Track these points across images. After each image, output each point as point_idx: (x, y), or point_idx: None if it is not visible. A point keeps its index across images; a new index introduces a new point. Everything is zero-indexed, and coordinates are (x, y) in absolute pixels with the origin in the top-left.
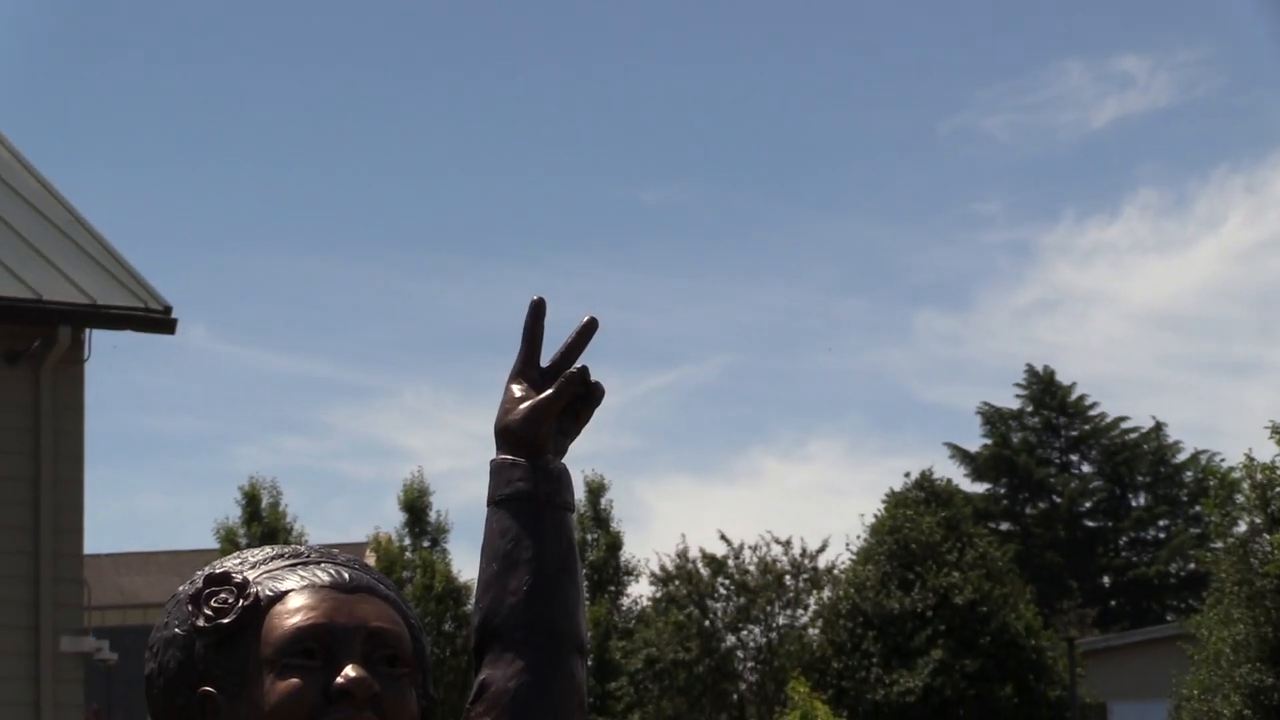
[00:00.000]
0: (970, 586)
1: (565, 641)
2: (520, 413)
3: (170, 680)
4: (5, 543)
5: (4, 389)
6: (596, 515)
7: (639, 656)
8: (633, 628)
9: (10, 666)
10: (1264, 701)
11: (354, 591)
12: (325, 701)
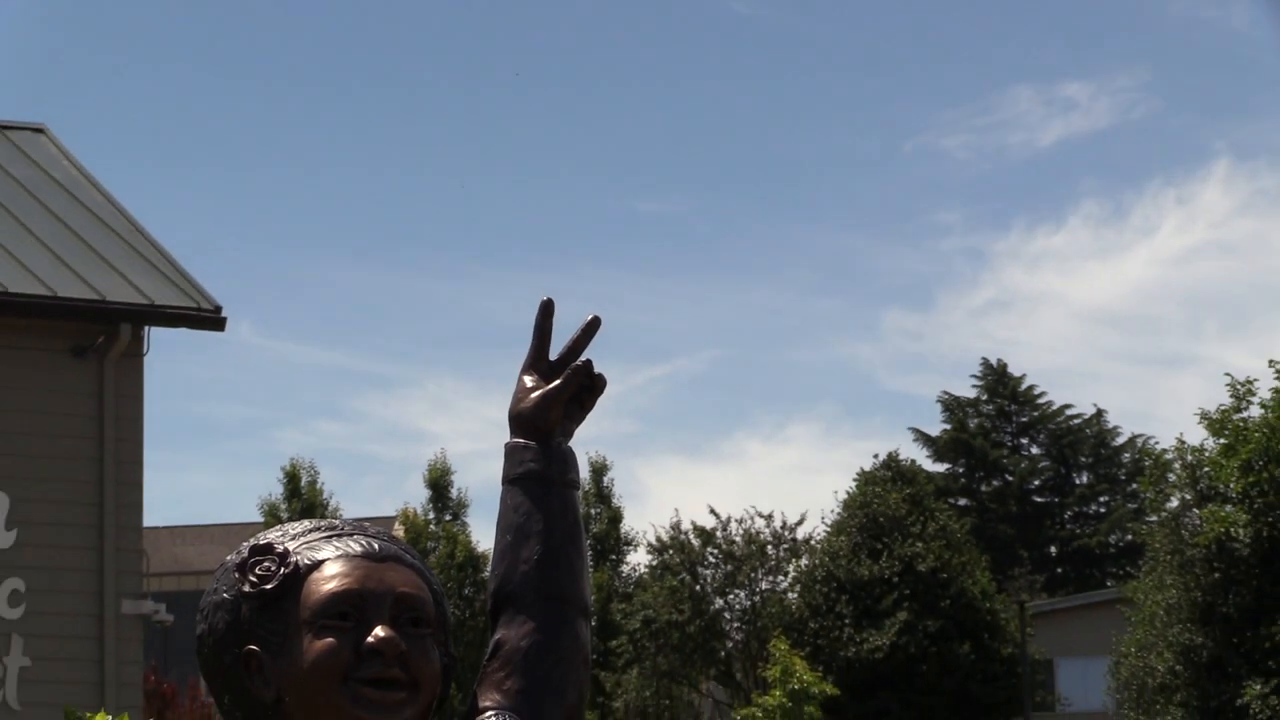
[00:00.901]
0: (932, 555)
1: (571, 605)
2: (531, 401)
3: (219, 640)
4: (73, 516)
5: (71, 380)
6: (599, 492)
7: (637, 618)
8: (631, 592)
9: (78, 627)
10: (1194, 659)
11: (383, 560)
12: (357, 658)
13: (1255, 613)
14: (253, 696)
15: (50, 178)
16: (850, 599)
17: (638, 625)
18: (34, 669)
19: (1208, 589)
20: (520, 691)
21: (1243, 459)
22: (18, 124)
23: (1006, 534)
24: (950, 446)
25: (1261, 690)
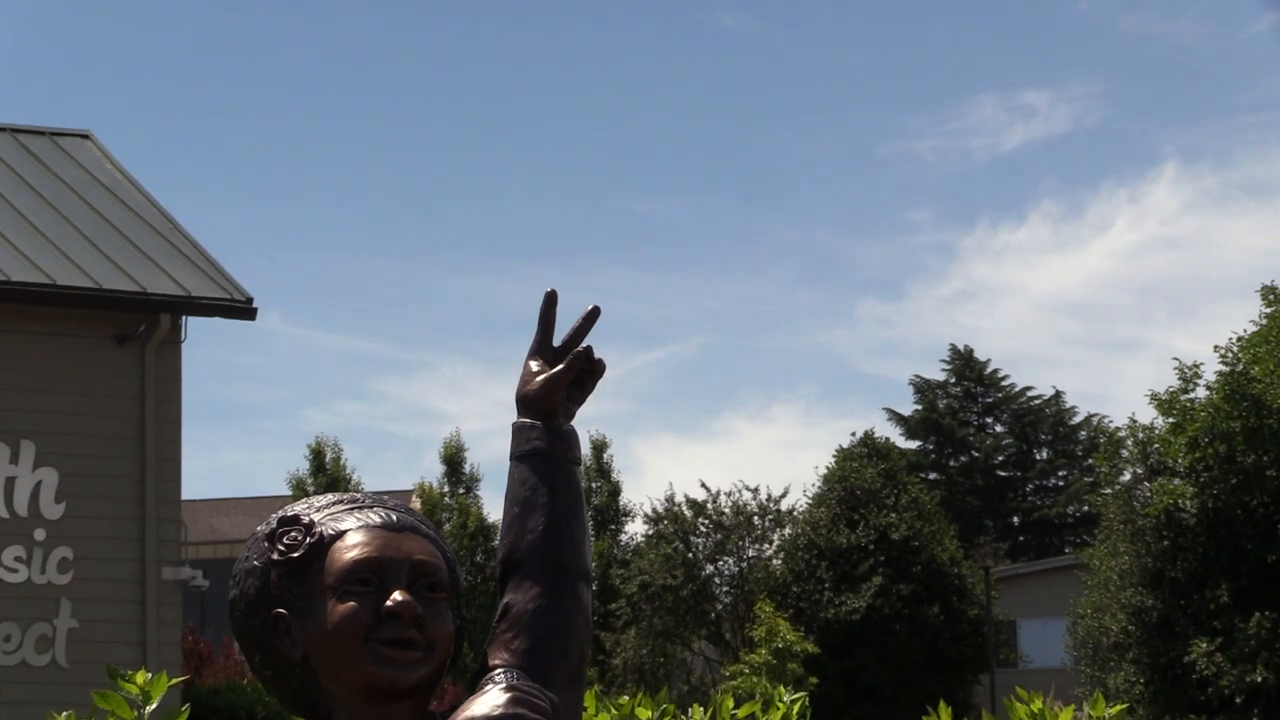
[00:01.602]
0: (904, 525)
1: (573, 571)
2: (537, 384)
3: (250, 604)
4: (116, 490)
5: (115, 365)
6: (599, 467)
7: (634, 582)
8: (629, 559)
9: (121, 591)
10: (1145, 620)
11: (400, 531)
12: (377, 620)
13: (1201, 577)
14: (281, 655)
15: (95, 180)
16: (830, 565)
17: (635, 589)
18: (81, 630)
19: (1157, 555)
20: (527, 651)
21: (1189, 436)
22: (66, 130)
23: (973, 505)
24: (921, 425)
25: (1207, 648)
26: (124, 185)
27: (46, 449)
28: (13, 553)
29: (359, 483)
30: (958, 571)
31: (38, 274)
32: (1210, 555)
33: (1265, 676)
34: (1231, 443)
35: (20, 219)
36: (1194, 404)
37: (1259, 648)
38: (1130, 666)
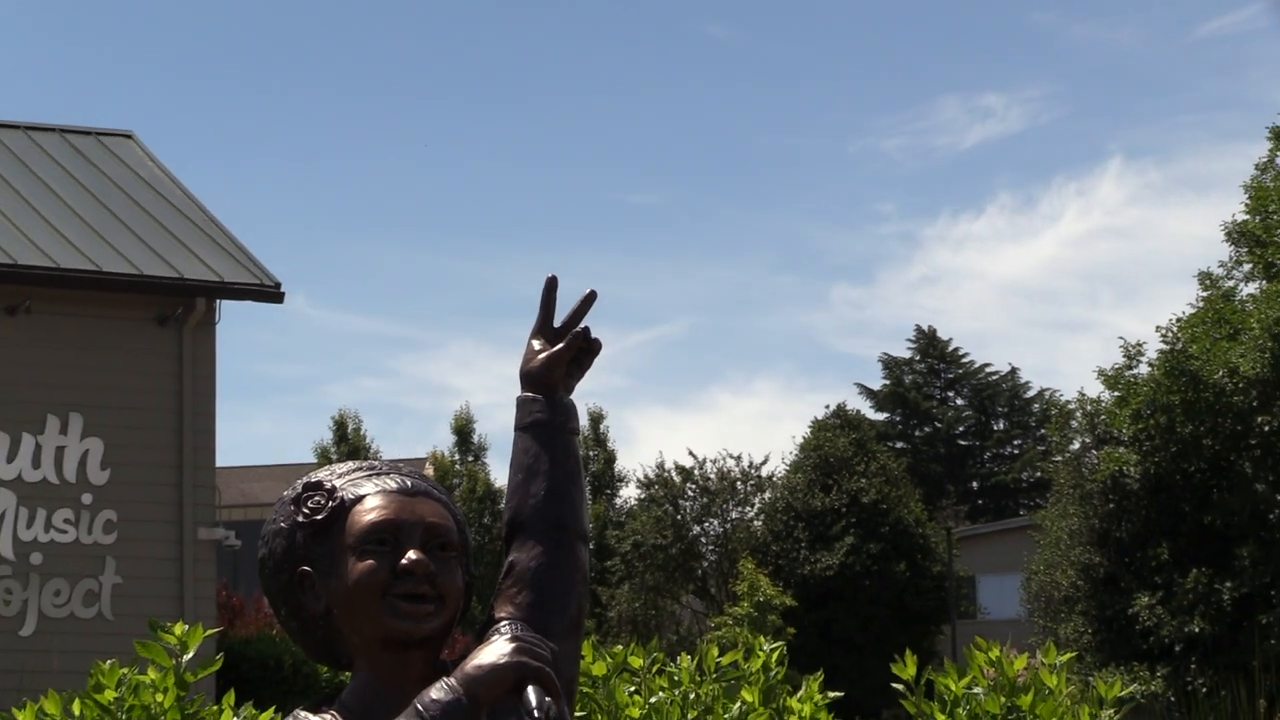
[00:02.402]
0: (874, 490)
1: (572, 532)
2: (539, 361)
3: (278, 562)
4: (157, 458)
5: (155, 345)
6: (596, 437)
7: (628, 542)
8: (623, 521)
9: (161, 550)
10: (1092, 575)
11: (414, 495)
12: (393, 577)
13: (1143, 537)
14: (306, 609)
15: (137, 176)
16: (806, 526)
17: (628, 548)
18: (124, 586)
19: (1104, 517)
20: (530, 604)
21: (1133, 409)
22: (111, 131)
23: (936, 472)
24: (889, 399)
25: (1148, 601)
26: (163, 181)
27: (93, 421)
28: (62, 515)
29: (377, 451)
30: (922, 532)
31: (85, 261)
32: (1152, 517)
33: (1202, 627)
34: (1171, 415)
35: (69, 211)
36: (1137, 379)
37: (1196, 601)
38: (1079, 618)
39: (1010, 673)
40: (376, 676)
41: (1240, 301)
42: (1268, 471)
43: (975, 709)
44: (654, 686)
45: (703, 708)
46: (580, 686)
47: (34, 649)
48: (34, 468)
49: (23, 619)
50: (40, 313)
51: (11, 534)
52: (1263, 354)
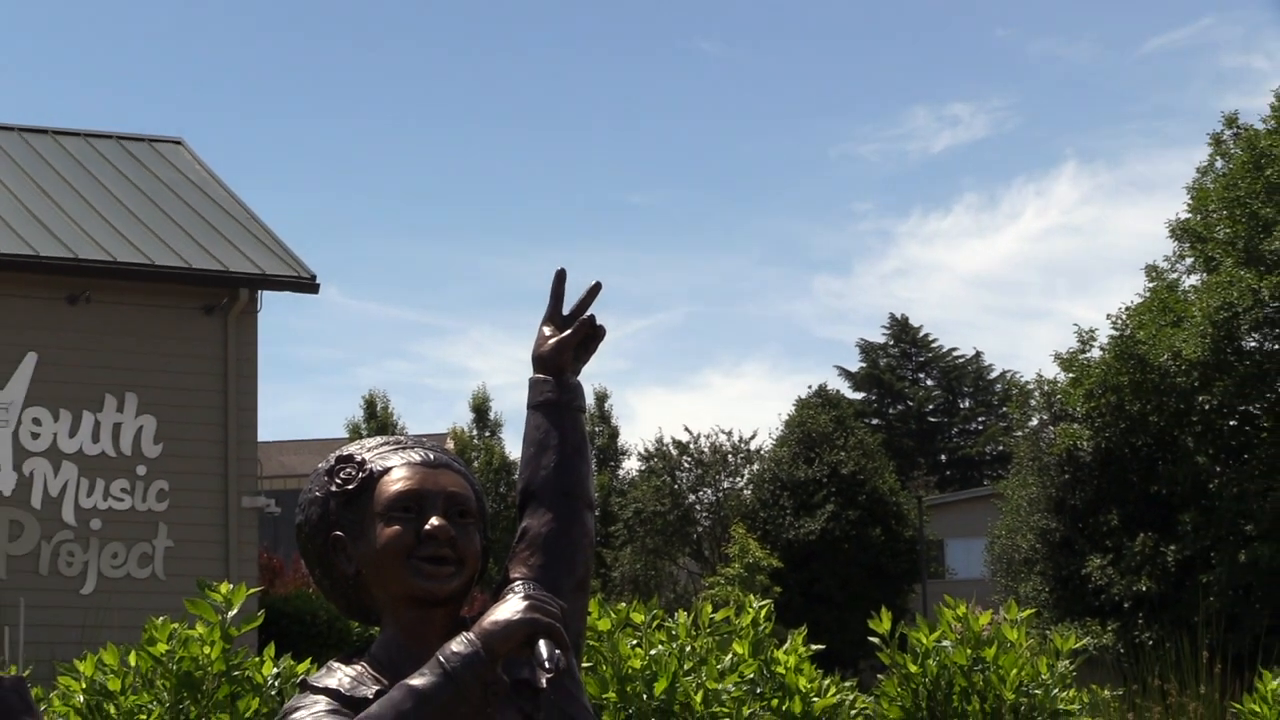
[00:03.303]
0: (852, 462)
1: (579, 500)
2: (549, 346)
3: (313, 528)
4: (204, 434)
5: (203, 331)
6: (601, 414)
7: (629, 509)
8: (625, 490)
9: (208, 517)
10: (1049, 539)
11: (437, 467)
12: (418, 541)
13: (1095, 504)
14: (338, 570)
15: (186, 178)
16: (790, 495)
17: (630, 515)
18: (175, 549)
19: (1059, 487)
20: (541, 566)
21: (1086, 389)
22: (162, 137)
23: (908, 445)
24: (865, 380)
25: (1100, 563)
26: (209, 182)
27: (146, 400)
28: (119, 485)
29: (403, 427)
30: (896, 500)
31: (139, 256)
32: (1103, 486)
33: (1149, 586)
34: (1120, 394)
35: (124, 210)
36: (1090, 362)
37: (1143, 562)
38: (1037, 578)
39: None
40: (402, 631)
41: (1183, 292)
42: (1208, 445)
43: (944, 660)
44: (654, 640)
45: (698, 659)
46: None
47: (94, 606)
48: (93, 442)
49: (84, 579)
50: (99, 302)
51: (73, 502)
52: (1203, 339)
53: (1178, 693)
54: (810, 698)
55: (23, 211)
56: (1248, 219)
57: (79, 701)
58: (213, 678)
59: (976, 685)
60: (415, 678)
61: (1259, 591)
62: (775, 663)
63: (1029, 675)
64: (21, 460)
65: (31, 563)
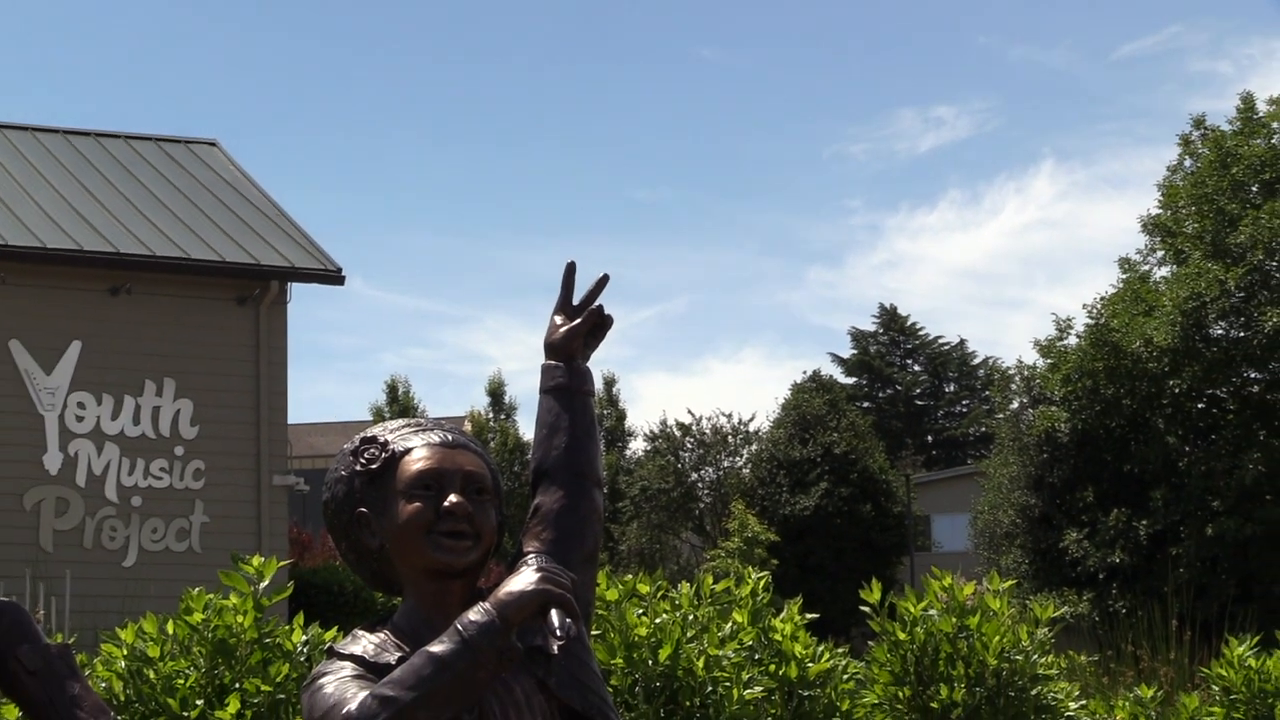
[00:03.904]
0: (844, 442)
1: (588, 478)
2: (560, 334)
3: (339, 504)
4: (238, 416)
5: (236, 320)
6: (609, 397)
7: (636, 486)
8: (632, 469)
9: (241, 494)
10: (1029, 515)
11: (455, 448)
12: (437, 517)
13: (1072, 482)
14: (363, 544)
15: (220, 178)
16: (786, 473)
17: (637, 492)
18: (211, 524)
19: (1038, 465)
20: (553, 540)
21: (1063, 374)
22: (198, 139)
23: (897, 427)
24: (857, 365)
25: (1076, 536)
26: (242, 181)
27: (184, 385)
28: (158, 465)
29: (423, 411)
30: (885, 478)
31: (176, 250)
32: (1079, 465)
33: (1121, 558)
34: (1096, 379)
35: (162, 208)
36: (1067, 349)
37: (1116, 536)
38: (1018, 551)
39: (960, 597)
40: (423, 601)
41: (1154, 283)
42: (1177, 427)
43: (930, 628)
44: (659, 610)
45: (700, 627)
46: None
47: (134, 578)
48: (134, 425)
49: (125, 552)
50: (139, 294)
51: (115, 481)
52: (1173, 327)
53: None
54: (805, 663)
55: (68, 209)
56: (1215, 214)
57: (120, 667)
58: (245, 645)
59: (961, 651)
60: (435, 645)
61: (1225, 563)
62: (772, 630)
63: (1010, 642)
64: (67, 441)
65: (76, 537)
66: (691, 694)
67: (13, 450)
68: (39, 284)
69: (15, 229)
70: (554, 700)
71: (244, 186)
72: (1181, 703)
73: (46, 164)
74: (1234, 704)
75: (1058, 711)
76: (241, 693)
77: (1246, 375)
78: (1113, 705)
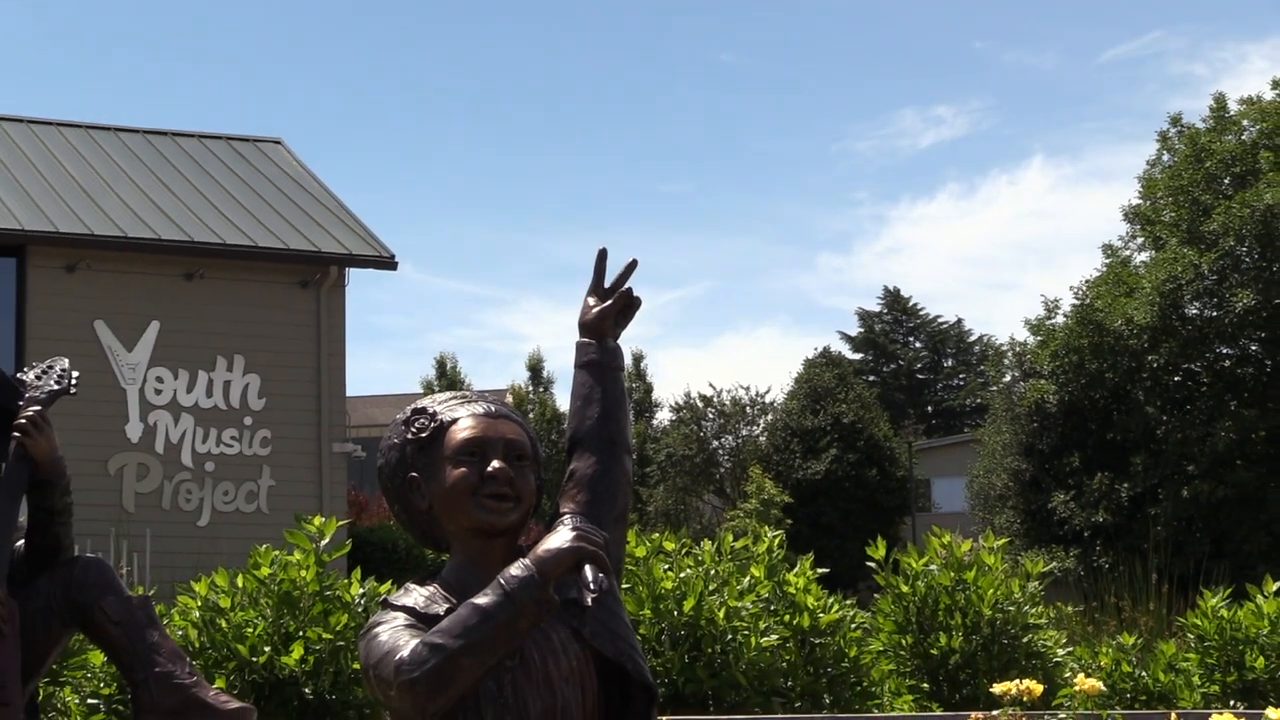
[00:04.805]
0: (852, 413)
1: (619, 445)
2: (593, 314)
3: (392, 470)
4: (300, 389)
5: (299, 302)
6: (638, 372)
7: (662, 453)
8: (659, 437)
9: (304, 460)
10: (1020, 478)
11: (497, 418)
12: (481, 481)
13: (1059, 449)
14: (414, 506)
15: (284, 172)
16: (799, 441)
17: (663, 458)
18: (276, 488)
19: (1029, 434)
20: (587, 502)
21: (1051, 350)
22: (264, 138)
23: (900, 399)
24: (863, 343)
25: (1064, 498)
26: (304, 176)
27: (253, 361)
28: (229, 433)
29: (469, 384)
30: (889, 445)
31: (245, 239)
32: (1066, 433)
33: (1105, 518)
34: (1081, 354)
35: (232, 200)
36: (1055, 327)
37: (1100, 498)
38: (1010, 511)
39: (958, 554)
40: (469, 558)
41: (1134, 267)
42: (1156, 398)
43: (931, 581)
44: (683, 565)
45: (720, 581)
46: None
47: (208, 536)
48: (207, 397)
49: (199, 513)
50: (211, 278)
51: (191, 448)
52: (1152, 307)
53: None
54: (817, 614)
55: (147, 201)
56: (1190, 204)
57: (195, 617)
58: (308, 597)
59: (958, 603)
60: (480, 597)
61: (1199, 523)
62: (786, 584)
63: (1004, 594)
64: (147, 413)
65: (156, 499)
66: (713, 641)
67: (98, 421)
68: (121, 270)
69: (99, 220)
70: (588, 647)
71: (306, 181)
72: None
73: (128, 161)
74: (1207, 650)
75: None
76: (304, 640)
77: (1219, 351)
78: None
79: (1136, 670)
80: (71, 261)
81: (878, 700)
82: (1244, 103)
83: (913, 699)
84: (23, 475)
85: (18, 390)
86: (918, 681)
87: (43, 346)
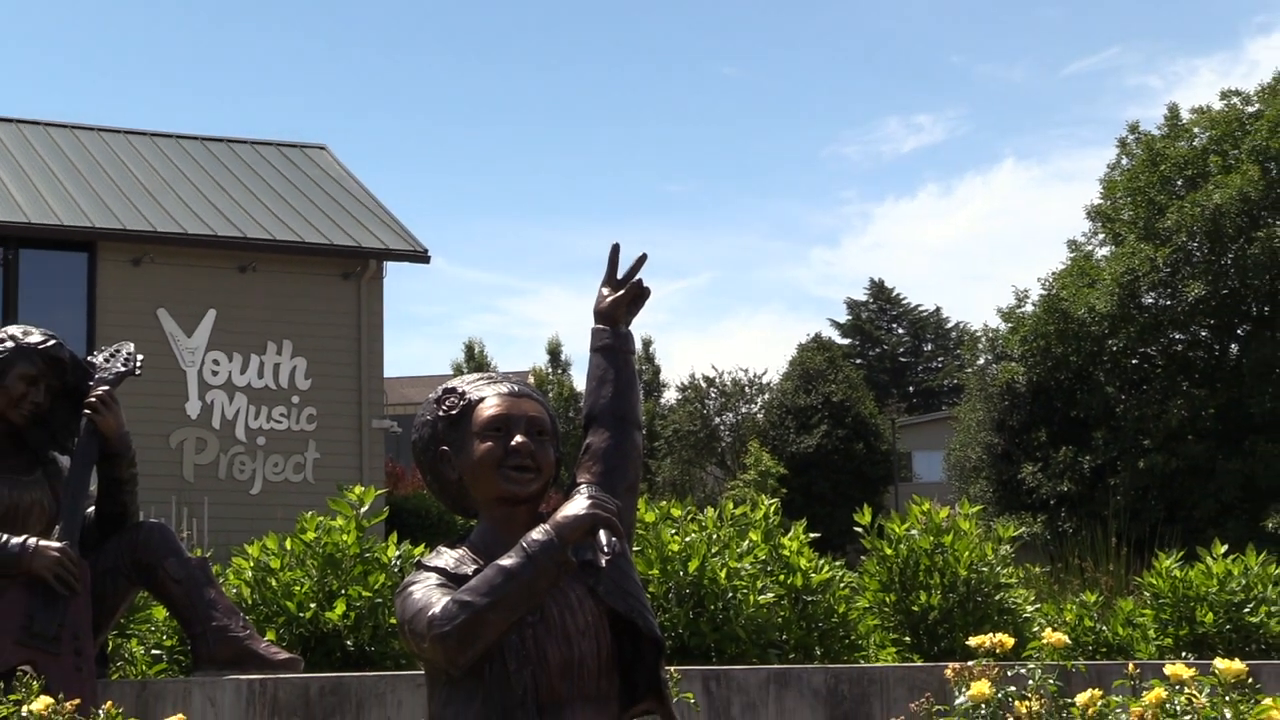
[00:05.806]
0: (840, 392)
1: (630, 422)
2: (606, 303)
3: (425, 444)
4: (343, 371)
5: (341, 292)
6: (647, 355)
7: (669, 429)
8: (666, 414)
9: (346, 435)
10: (993, 452)
11: (520, 397)
12: (506, 454)
13: (1028, 425)
14: (444, 477)
15: (328, 175)
16: (793, 418)
17: (670, 433)
18: (321, 460)
19: (1001, 411)
20: (601, 473)
21: (1021, 335)
22: (310, 144)
23: (884, 380)
24: (851, 329)
25: (1032, 470)
26: (346, 178)
27: (300, 345)
28: (279, 411)
29: (495, 366)
30: (875, 422)
31: (292, 235)
32: (1034, 411)
33: (1069, 487)
34: (1048, 339)
35: (282, 200)
36: (1024, 315)
37: (1065, 469)
38: (983, 482)
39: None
40: (494, 524)
41: (1096, 260)
42: (1115, 379)
43: (912, 545)
44: (688, 530)
45: (722, 544)
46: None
47: (260, 504)
48: (259, 378)
49: (252, 483)
50: (262, 270)
51: (244, 424)
52: (1112, 297)
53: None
54: (809, 574)
55: (204, 201)
56: (1146, 204)
57: (248, 576)
58: (349, 558)
59: (937, 564)
60: (505, 559)
61: (1154, 491)
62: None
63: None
64: (204, 392)
65: (213, 470)
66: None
67: (161, 399)
68: (180, 263)
69: (161, 217)
70: (602, 604)
71: (347, 183)
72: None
73: (188, 165)
74: (1161, 607)
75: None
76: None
77: (1172, 337)
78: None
79: (1098, 625)
80: (137, 256)
81: (864, 652)
82: (1195, 112)
83: (895, 651)
84: (93, 449)
85: (89, 372)
86: (900, 635)
87: (111, 333)
